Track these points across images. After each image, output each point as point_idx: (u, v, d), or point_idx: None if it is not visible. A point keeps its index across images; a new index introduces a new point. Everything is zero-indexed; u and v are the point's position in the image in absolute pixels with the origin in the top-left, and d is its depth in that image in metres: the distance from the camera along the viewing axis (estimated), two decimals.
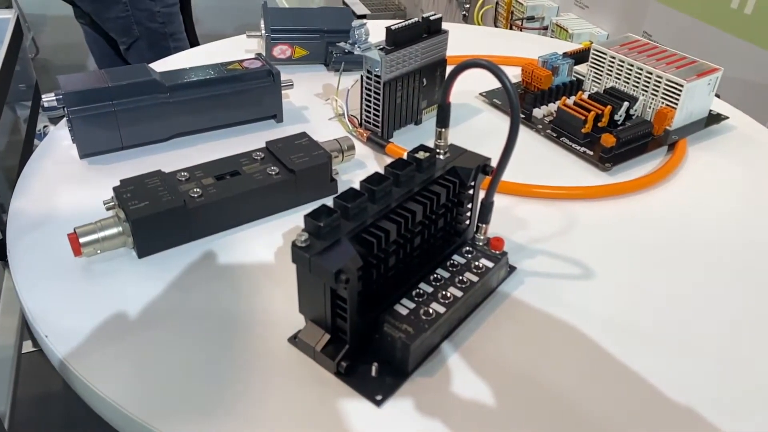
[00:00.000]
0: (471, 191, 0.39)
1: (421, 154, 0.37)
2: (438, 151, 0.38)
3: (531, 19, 1.28)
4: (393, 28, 0.51)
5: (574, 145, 0.54)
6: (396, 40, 0.52)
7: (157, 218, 0.40)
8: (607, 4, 1.17)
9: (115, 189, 0.42)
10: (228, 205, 0.43)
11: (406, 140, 0.55)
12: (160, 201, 0.41)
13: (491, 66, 0.33)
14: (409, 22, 0.53)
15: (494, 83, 0.66)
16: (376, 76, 0.52)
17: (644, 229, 0.46)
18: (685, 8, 0.99)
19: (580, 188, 0.49)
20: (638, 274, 0.42)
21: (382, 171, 0.36)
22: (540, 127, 0.57)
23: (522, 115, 0.59)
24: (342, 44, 0.52)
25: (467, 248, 0.39)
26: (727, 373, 0.35)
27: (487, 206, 0.38)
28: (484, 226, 0.39)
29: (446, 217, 0.38)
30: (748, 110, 0.64)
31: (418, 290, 0.35)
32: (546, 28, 1.26)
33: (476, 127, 0.59)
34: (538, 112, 0.59)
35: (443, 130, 0.38)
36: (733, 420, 0.32)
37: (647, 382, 0.34)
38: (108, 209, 0.42)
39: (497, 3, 1.41)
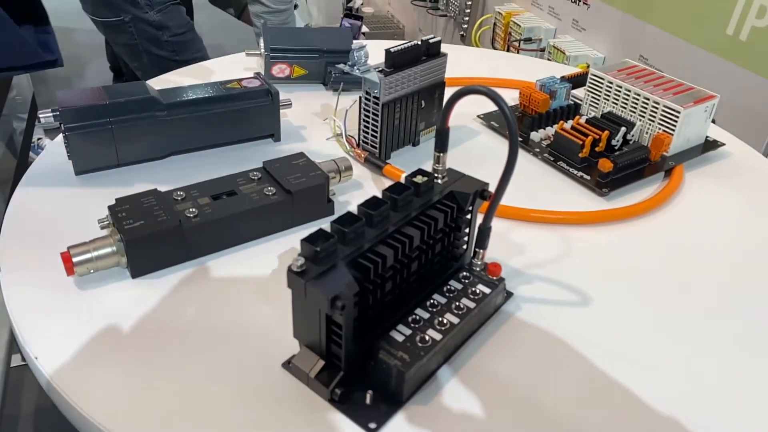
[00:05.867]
0: (469, 216, 0.39)
1: (419, 179, 0.37)
2: (436, 175, 0.38)
3: (528, 40, 1.29)
4: (392, 50, 0.52)
5: (571, 170, 0.54)
6: (395, 62, 0.52)
7: (151, 238, 0.40)
8: (604, 27, 1.18)
9: (110, 208, 0.41)
10: (224, 226, 0.42)
11: (403, 161, 0.55)
12: (156, 221, 0.40)
13: (491, 93, 0.33)
14: (409, 44, 0.53)
15: (492, 105, 0.66)
16: (374, 97, 0.52)
17: (641, 254, 0.46)
18: (681, 33, 1.00)
19: (578, 213, 0.49)
20: (636, 300, 0.42)
21: (379, 192, 0.35)
22: (537, 150, 0.57)
23: (519, 139, 0.59)
24: (341, 66, 0.52)
25: (464, 273, 0.39)
26: (725, 398, 0.35)
27: (484, 231, 0.38)
28: (481, 251, 0.39)
29: (443, 242, 0.38)
30: (742, 135, 0.64)
31: (414, 316, 0.35)
32: (543, 50, 1.27)
33: (474, 149, 0.59)
34: (535, 136, 0.59)
35: (441, 154, 0.37)
36: None
37: (646, 408, 0.34)
38: (102, 228, 0.41)
39: (495, 24, 1.42)
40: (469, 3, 1.57)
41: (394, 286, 0.34)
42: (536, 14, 1.36)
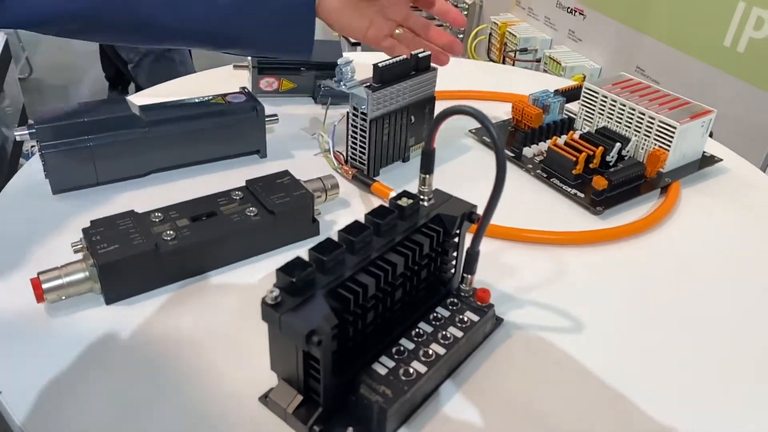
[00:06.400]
0: (456, 239, 0.37)
1: (404, 201, 0.35)
2: (422, 197, 0.36)
3: (524, 51, 1.28)
4: (380, 65, 0.50)
5: (564, 187, 0.53)
6: (383, 77, 0.50)
7: (126, 263, 0.38)
8: (600, 38, 1.17)
9: (84, 231, 0.40)
10: (202, 249, 0.41)
11: (393, 178, 0.54)
12: (131, 245, 0.39)
13: (478, 114, 0.32)
14: (397, 59, 0.51)
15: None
16: (362, 113, 0.51)
17: (637, 276, 0.45)
18: (678, 44, 0.99)
19: (571, 233, 0.47)
20: (632, 323, 0.40)
21: (366, 210, 0.34)
22: (530, 166, 0.56)
23: (512, 154, 0.57)
24: (328, 82, 0.50)
25: (452, 300, 0.37)
26: (729, 422, 0.33)
27: (472, 256, 0.36)
28: (469, 276, 0.37)
29: (430, 267, 0.36)
30: (740, 147, 0.63)
31: (398, 347, 0.33)
32: (539, 61, 1.26)
33: (465, 165, 0.57)
34: (528, 151, 0.57)
35: (427, 176, 0.36)
36: None
37: None
38: (76, 251, 0.40)
39: (490, 34, 1.41)
40: (465, 13, 1.56)
41: (377, 316, 0.33)
42: (532, 24, 1.35)
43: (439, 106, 0.67)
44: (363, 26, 0.52)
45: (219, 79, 0.71)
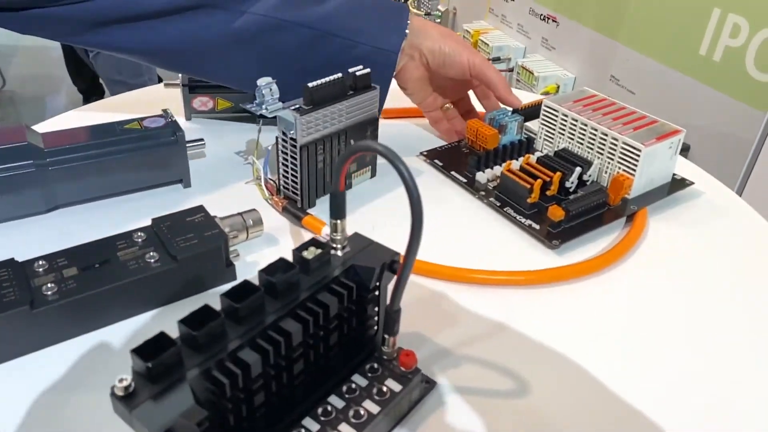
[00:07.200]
0: (377, 292, 0.32)
1: (310, 252, 0.30)
2: (334, 245, 0.31)
3: (497, 60, 1.23)
4: (310, 85, 0.45)
5: (518, 217, 0.48)
6: (314, 98, 0.45)
7: None
8: (574, 46, 1.12)
9: None
10: (88, 305, 0.35)
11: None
12: (0, 302, 0.33)
13: (387, 153, 0.26)
14: (331, 78, 0.46)
15: (437, 141, 0.60)
16: (291, 139, 0.46)
17: (597, 321, 0.40)
18: (653, 53, 0.95)
19: (521, 273, 0.42)
20: (592, 379, 0.35)
21: (294, 247, 0.29)
22: (483, 193, 0.51)
23: (464, 180, 0.52)
24: (247, 105, 0.45)
25: (372, 365, 0.32)
26: None
27: (391, 315, 0.31)
28: (390, 338, 0.32)
29: (343, 329, 0.31)
30: (715, 160, 0.58)
31: (299, 430, 0.28)
32: (512, 70, 1.22)
33: None
34: (481, 177, 0.52)
35: (339, 221, 0.31)
36: None
37: None
38: None
39: None
40: (438, 21, 1.52)
41: (270, 396, 0.27)
42: (505, 32, 1.31)
43: (408, 124, 0.62)
44: (425, 96, 0.58)
45: (148, 99, 0.65)
